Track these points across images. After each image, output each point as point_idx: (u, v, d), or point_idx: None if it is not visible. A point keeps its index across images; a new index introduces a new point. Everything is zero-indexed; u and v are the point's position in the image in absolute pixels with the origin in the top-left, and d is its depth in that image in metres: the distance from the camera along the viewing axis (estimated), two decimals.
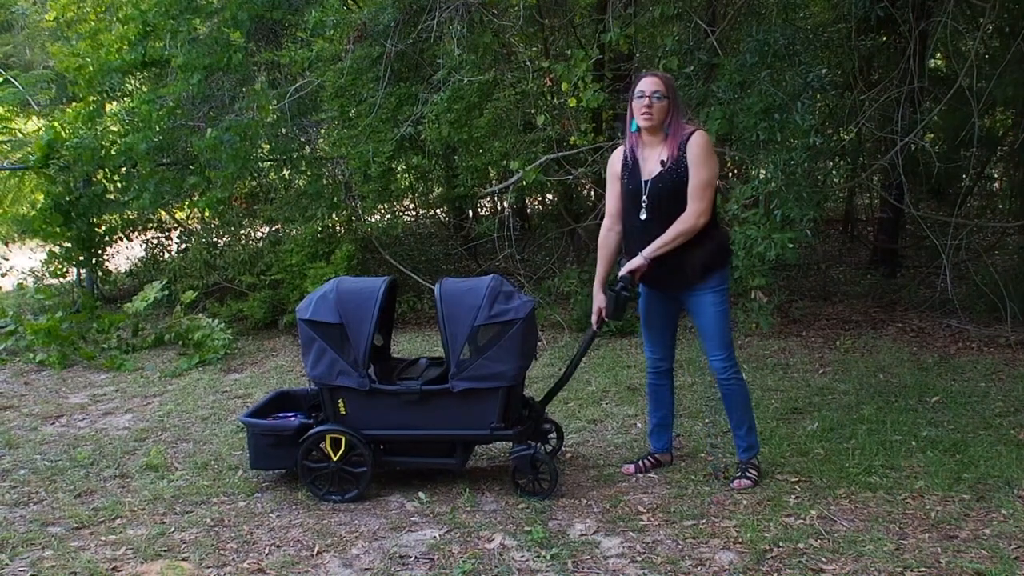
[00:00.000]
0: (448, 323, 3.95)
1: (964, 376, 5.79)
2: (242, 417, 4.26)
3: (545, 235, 9.51)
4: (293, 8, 7.92)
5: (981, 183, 9.19)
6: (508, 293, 4.04)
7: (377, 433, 4.04)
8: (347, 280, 4.23)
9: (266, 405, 4.42)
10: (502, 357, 3.91)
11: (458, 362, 3.94)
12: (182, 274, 7.73)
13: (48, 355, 6.58)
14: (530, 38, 8.46)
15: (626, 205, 4.03)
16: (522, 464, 4.00)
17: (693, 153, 3.82)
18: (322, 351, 3.99)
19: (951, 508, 3.81)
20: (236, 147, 7.30)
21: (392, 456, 4.12)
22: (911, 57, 6.36)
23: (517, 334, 3.92)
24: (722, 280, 3.96)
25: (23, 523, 3.85)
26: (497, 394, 3.95)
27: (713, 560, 3.41)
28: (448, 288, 4.03)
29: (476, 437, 4.11)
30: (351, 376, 3.97)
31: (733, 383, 4.05)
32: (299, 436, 4.06)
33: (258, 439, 4.15)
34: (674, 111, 3.88)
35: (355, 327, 3.97)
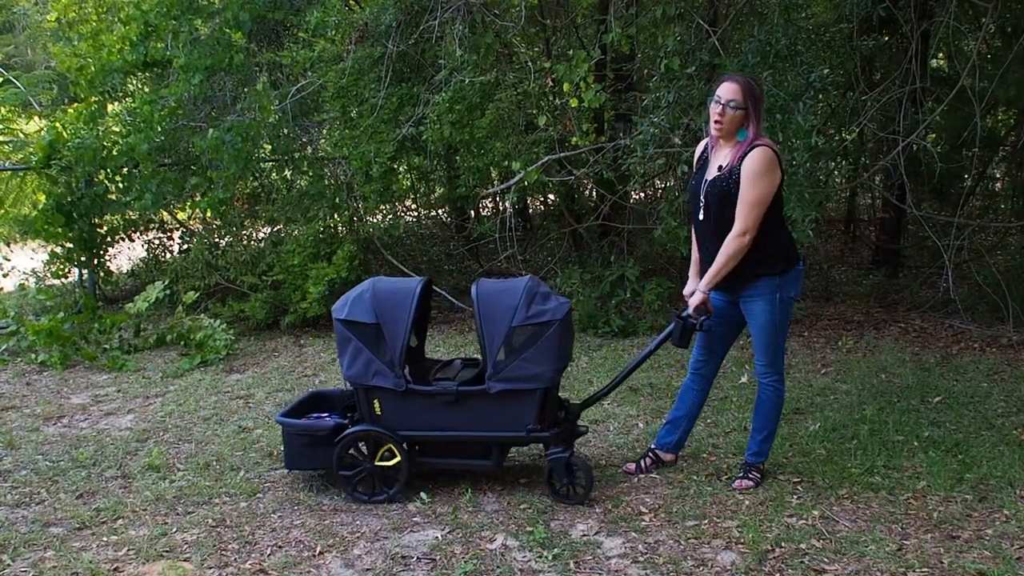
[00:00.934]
0: (485, 323, 3.93)
1: (966, 376, 5.78)
2: (278, 417, 4.24)
3: (547, 235, 9.51)
4: (294, 8, 7.92)
5: (983, 183, 9.19)
6: (545, 294, 4.01)
7: (413, 434, 4.02)
8: (383, 280, 4.20)
9: (301, 405, 4.40)
10: (539, 358, 3.88)
11: (495, 363, 3.91)
12: (184, 274, 7.73)
13: (50, 356, 6.58)
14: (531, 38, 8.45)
15: (691, 202, 4.07)
16: (557, 467, 3.96)
17: (747, 169, 3.76)
18: (358, 351, 3.97)
19: (953, 508, 3.81)
20: (238, 148, 7.30)
21: (427, 457, 4.09)
22: (913, 57, 6.36)
23: (554, 335, 3.89)
24: (778, 288, 3.88)
25: (25, 524, 3.85)
26: (534, 396, 3.92)
27: (715, 560, 3.41)
28: (485, 288, 4.00)
29: (512, 439, 4.07)
30: (387, 376, 3.95)
31: (770, 390, 4.04)
32: (334, 436, 4.04)
33: (293, 439, 4.13)
34: (751, 121, 3.80)
35: (391, 327, 3.95)
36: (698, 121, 6.12)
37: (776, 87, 5.63)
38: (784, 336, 4.04)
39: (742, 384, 5.71)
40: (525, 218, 10.30)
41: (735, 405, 5.29)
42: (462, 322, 7.60)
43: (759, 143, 3.81)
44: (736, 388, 5.64)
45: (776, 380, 4.03)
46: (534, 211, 10.85)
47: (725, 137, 3.89)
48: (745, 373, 5.91)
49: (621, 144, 6.67)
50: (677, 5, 6.50)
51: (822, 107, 7.03)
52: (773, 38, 5.82)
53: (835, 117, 7.46)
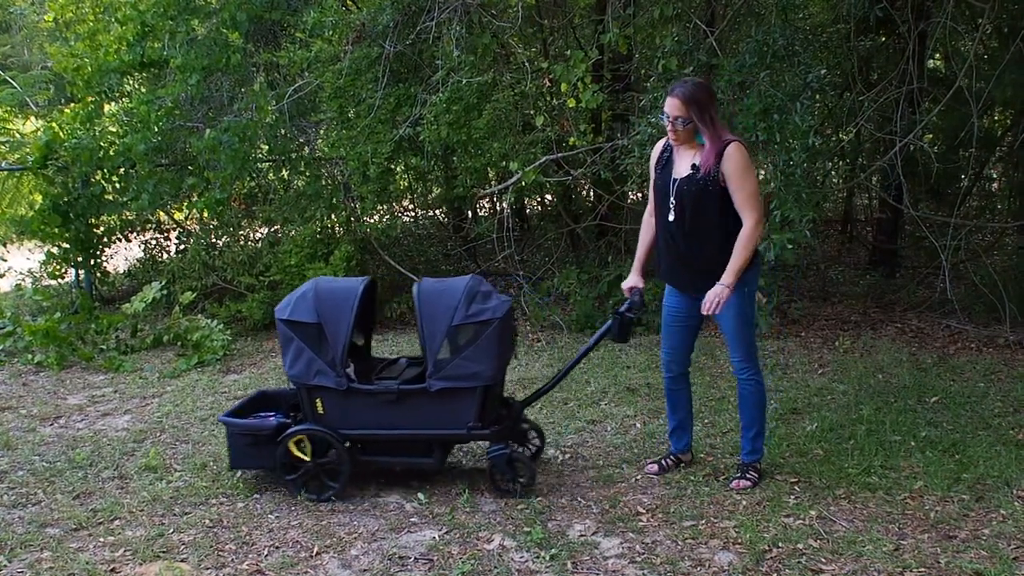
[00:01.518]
0: (425, 323, 3.97)
1: (963, 376, 5.79)
2: (221, 416, 4.29)
3: (544, 236, 9.50)
4: (292, 9, 7.91)
5: (980, 183, 9.20)
6: (486, 293, 4.05)
7: (355, 432, 4.06)
8: (325, 280, 4.27)
9: (247, 405, 4.45)
10: (479, 357, 3.93)
11: (435, 362, 3.95)
12: (181, 275, 7.72)
13: (46, 356, 6.57)
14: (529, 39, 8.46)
15: (657, 202, 4.06)
16: (499, 463, 4.02)
17: (732, 168, 3.78)
18: (300, 351, 4.01)
19: (950, 508, 3.82)
20: (235, 148, 7.29)
21: (370, 455, 4.13)
22: (910, 58, 6.36)
23: (494, 334, 3.93)
24: (744, 283, 3.91)
25: (21, 524, 3.84)
26: (474, 394, 3.96)
27: (712, 561, 3.41)
28: (426, 288, 4.05)
29: (453, 437, 4.12)
30: (328, 376, 3.99)
31: (750, 385, 4.05)
32: (277, 435, 4.07)
33: (237, 438, 4.17)
34: (704, 125, 3.81)
35: (333, 327, 3.99)
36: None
37: (773, 87, 5.63)
38: (753, 328, 4.07)
39: None
40: (522, 218, 10.31)
41: (732, 406, 5.29)
42: None
43: (729, 139, 3.84)
44: (733, 389, 5.62)
45: (755, 373, 4.05)
46: (531, 211, 10.84)
47: (684, 145, 3.92)
48: None
49: (619, 144, 6.67)
50: (675, 5, 6.50)
51: (819, 107, 7.04)
52: (770, 38, 5.82)
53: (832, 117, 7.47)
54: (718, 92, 5.93)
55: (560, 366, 6.22)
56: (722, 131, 3.88)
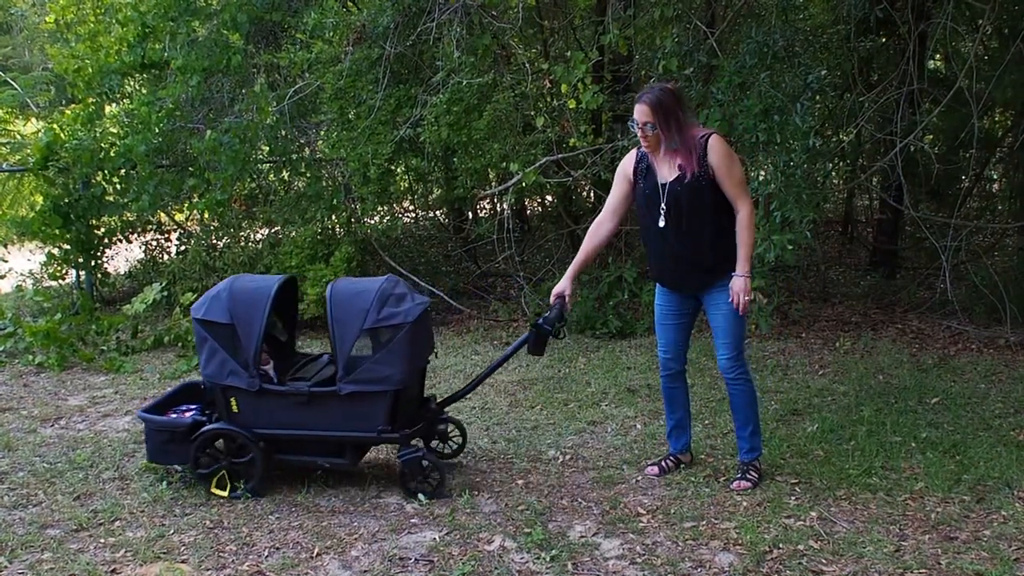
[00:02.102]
0: (336, 326, 3.97)
1: (964, 377, 5.79)
2: (139, 412, 4.33)
3: (544, 237, 9.51)
4: (292, 10, 7.91)
5: (980, 184, 9.20)
6: (400, 296, 4.04)
7: (268, 432, 4.07)
8: (242, 279, 4.25)
9: (173, 396, 4.48)
10: (390, 360, 3.93)
11: (345, 365, 3.96)
12: (181, 276, 7.72)
13: (47, 357, 6.57)
14: (529, 40, 8.47)
15: (643, 210, 4.06)
16: (412, 466, 4.03)
17: (718, 158, 3.82)
18: (213, 351, 4.03)
19: (951, 509, 3.81)
20: (235, 149, 7.29)
21: (284, 454, 4.14)
22: (910, 58, 6.37)
23: (405, 338, 3.93)
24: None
25: (22, 525, 3.84)
26: (384, 397, 3.96)
27: (713, 562, 3.41)
28: (339, 290, 4.05)
29: (363, 439, 4.12)
30: (241, 376, 4.01)
31: (740, 383, 4.05)
32: (192, 432, 4.10)
33: (153, 434, 4.19)
34: (674, 129, 3.83)
35: (245, 327, 4.00)
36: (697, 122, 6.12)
37: (774, 88, 5.64)
38: (745, 326, 4.07)
39: None
40: (523, 219, 10.31)
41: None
42: (460, 323, 7.60)
43: (705, 134, 3.87)
44: None
45: (743, 372, 4.05)
46: (532, 212, 10.85)
47: (657, 151, 3.92)
48: None
49: (619, 145, 6.67)
50: (675, 6, 6.50)
51: (820, 108, 7.04)
52: (771, 39, 5.83)
53: (833, 118, 7.47)
54: (718, 93, 5.93)
55: (560, 367, 6.23)
56: (694, 129, 3.90)
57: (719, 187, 3.85)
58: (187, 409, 4.39)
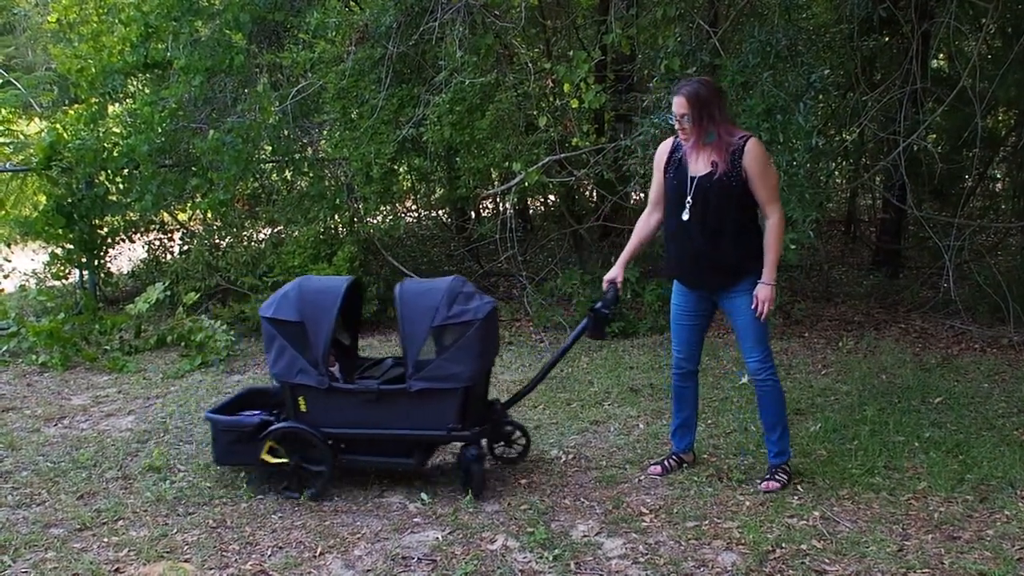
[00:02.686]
0: (405, 324, 3.97)
1: (967, 377, 5.78)
2: (206, 413, 4.32)
3: (547, 236, 9.52)
4: (295, 10, 7.92)
5: (983, 184, 9.19)
6: (468, 294, 4.05)
7: (336, 431, 4.07)
8: (310, 279, 4.29)
9: (235, 401, 4.48)
10: (459, 358, 3.93)
11: (415, 362, 3.95)
12: (184, 275, 7.73)
13: (50, 357, 6.58)
14: (532, 39, 8.46)
15: (670, 202, 4.04)
16: (467, 464, 4.02)
17: (755, 163, 3.81)
18: (282, 349, 4.03)
19: (954, 509, 3.81)
20: (238, 149, 7.30)
21: (351, 455, 4.13)
22: (913, 58, 6.36)
23: (475, 335, 3.93)
24: (755, 284, 3.90)
25: (25, 525, 3.85)
26: (454, 395, 3.96)
27: (715, 561, 3.41)
28: (407, 289, 4.06)
29: (433, 438, 4.11)
30: (310, 374, 4.00)
31: (768, 384, 4.03)
32: (259, 432, 4.09)
33: (220, 435, 4.19)
34: (708, 122, 3.82)
35: (315, 326, 4.00)
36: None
37: (776, 88, 5.63)
38: (768, 329, 4.06)
39: (742, 385, 5.70)
40: (525, 219, 10.31)
41: (735, 406, 5.29)
42: None
43: (744, 136, 3.86)
44: (736, 389, 5.63)
45: (772, 373, 4.03)
46: (534, 212, 10.85)
47: (697, 143, 3.91)
48: (745, 374, 5.91)
49: (621, 145, 6.67)
50: (677, 6, 6.50)
51: (822, 108, 7.03)
52: (773, 39, 5.82)
53: (835, 118, 7.46)
54: None
55: (563, 367, 6.22)
56: (731, 128, 3.89)
57: (748, 190, 3.84)
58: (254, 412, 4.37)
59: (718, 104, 3.86)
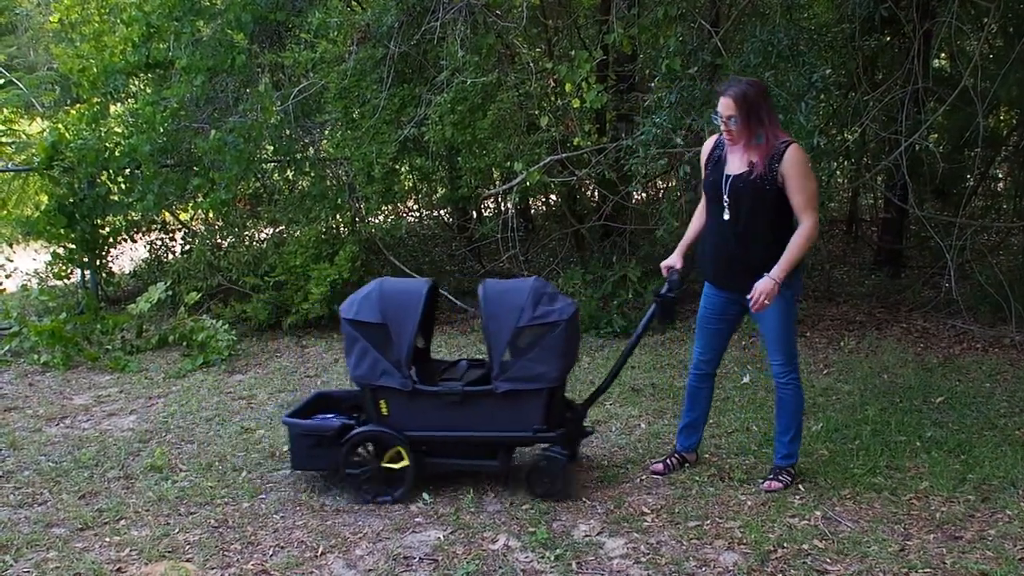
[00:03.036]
0: (491, 323, 3.93)
1: (968, 377, 5.77)
2: (284, 417, 4.25)
3: (549, 236, 9.51)
4: (296, 10, 7.92)
5: (985, 183, 9.18)
6: (552, 295, 4.02)
7: (419, 434, 4.02)
8: (390, 280, 4.24)
9: (307, 406, 4.41)
10: (545, 358, 3.89)
11: (501, 363, 3.91)
12: (186, 275, 7.73)
13: (52, 356, 6.58)
14: (533, 39, 8.46)
15: (708, 199, 4.03)
16: (553, 466, 3.96)
17: (793, 169, 3.75)
18: (365, 351, 3.97)
19: (955, 509, 3.81)
20: (240, 148, 7.30)
21: (434, 458, 4.08)
22: (915, 57, 6.36)
23: (560, 335, 3.90)
24: (787, 286, 3.87)
25: (27, 524, 3.86)
26: (540, 396, 3.93)
27: (717, 561, 3.41)
28: (491, 289, 4.02)
29: (518, 439, 4.07)
30: (394, 376, 3.95)
31: (789, 389, 4.03)
32: (340, 437, 4.04)
33: (299, 440, 4.13)
34: (759, 124, 3.78)
35: (398, 327, 3.95)
36: (700, 122, 6.12)
37: (778, 87, 5.63)
38: (795, 333, 4.04)
39: (744, 385, 5.71)
40: (527, 219, 10.31)
41: (737, 406, 5.29)
42: (464, 323, 7.60)
43: (787, 141, 3.81)
44: (738, 389, 5.63)
45: (795, 378, 4.02)
46: (536, 212, 10.85)
47: (738, 144, 3.88)
48: (747, 374, 5.91)
49: (623, 144, 6.67)
50: (679, 5, 6.50)
51: (824, 107, 7.03)
52: (775, 38, 5.82)
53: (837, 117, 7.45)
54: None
55: None
56: (778, 131, 3.85)
57: (784, 195, 3.79)
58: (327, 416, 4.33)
59: (766, 106, 3.83)
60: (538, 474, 3.99)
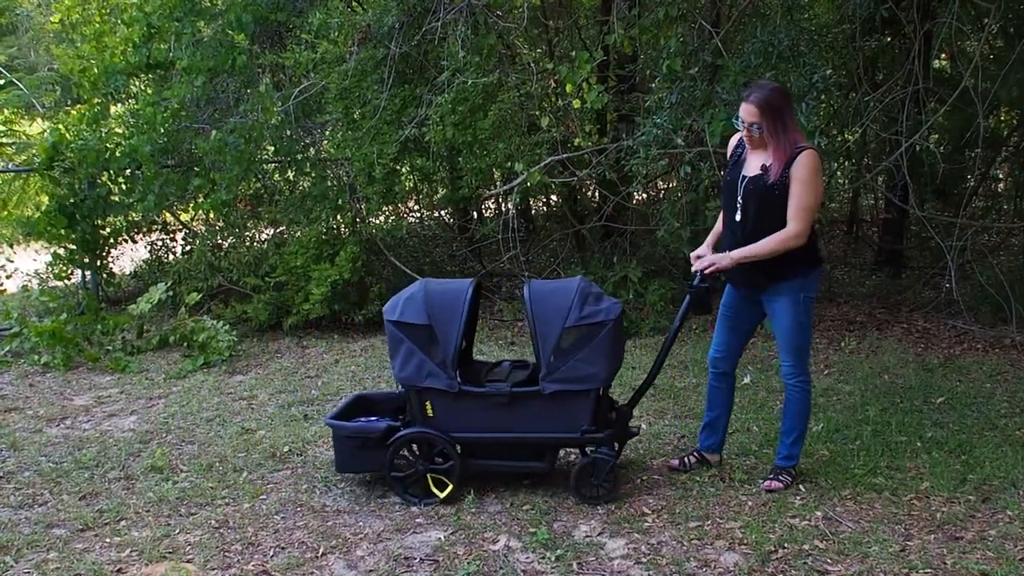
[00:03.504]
0: (538, 324, 3.91)
1: (969, 377, 5.77)
2: (327, 419, 4.23)
3: (549, 236, 9.52)
4: (297, 10, 7.92)
5: (986, 184, 9.18)
6: (597, 295, 4.01)
7: (465, 436, 4.00)
8: (434, 281, 4.20)
9: (347, 408, 4.38)
10: (593, 359, 3.87)
11: (548, 364, 3.89)
12: (186, 276, 7.73)
13: (52, 357, 6.58)
14: (534, 40, 8.46)
15: (725, 199, 4.03)
16: (600, 468, 3.95)
17: (800, 174, 3.73)
18: (410, 352, 3.94)
19: (956, 509, 3.81)
20: (240, 149, 7.30)
21: (480, 459, 4.06)
22: (915, 58, 6.35)
23: (608, 336, 3.88)
24: (801, 288, 3.88)
25: (28, 525, 3.86)
26: (588, 396, 3.91)
27: (718, 561, 3.41)
28: (537, 289, 4.00)
29: (566, 440, 4.05)
30: (440, 378, 3.93)
31: (797, 391, 4.02)
32: (386, 439, 4.02)
33: (344, 442, 4.10)
34: (780, 131, 3.76)
35: (443, 328, 3.93)
36: (700, 122, 6.12)
37: None
38: (809, 336, 4.02)
39: (745, 385, 5.71)
40: (528, 219, 10.31)
41: (738, 406, 5.27)
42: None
43: (803, 147, 3.79)
44: (739, 389, 5.62)
45: (804, 380, 4.01)
46: (537, 212, 10.85)
47: (759, 150, 3.88)
48: (748, 374, 5.91)
49: (624, 145, 6.67)
50: (679, 6, 6.50)
51: (825, 108, 7.03)
52: (776, 39, 5.82)
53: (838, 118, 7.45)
54: (723, 92, 5.93)
55: None
56: (797, 136, 3.83)
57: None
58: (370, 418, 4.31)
59: (790, 112, 3.82)
60: (585, 476, 3.97)
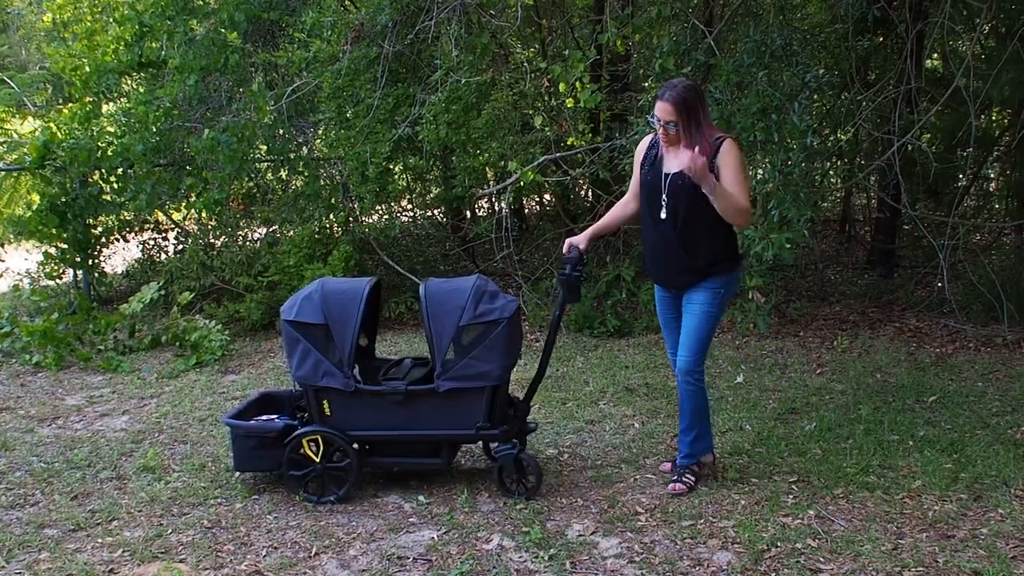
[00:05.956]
0: (433, 323, 3.96)
1: (961, 376, 5.79)
2: (224, 419, 4.26)
3: (543, 236, 9.51)
4: (290, 9, 7.91)
5: (977, 183, 9.21)
6: (493, 293, 4.05)
7: (362, 434, 4.05)
8: (331, 281, 4.25)
9: (250, 407, 4.42)
10: (487, 356, 3.92)
11: (443, 362, 3.95)
12: (179, 275, 7.72)
13: (44, 357, 6.56)
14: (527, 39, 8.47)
15: (645, 200, 4.02)
16: (507, 464, 4.01)
17: (728, 161, 3.77)
18: (307, 352, 3.99)
19: (948, 508, 3.82)
20: (233, 148, 7.28)
21: (378, 457, 4.12)
22: (908, 58, 6.37)
23: (502, 334, 3.93)
24: (719, 285, 3.91)
25: (19, 525, 3.84)
26: (483, 394, 3.96)
27: (711, 560, 3.42)
28: (432, 288, 4.04)
29: (462, 437, 4.12)
30: (336, 377, 3.97)
31: (690, 387, 4.01)
32: (283, 438, 4.06)
33: (241, 441, 4.14)
34: (694, 128, 3.79)
35: (340, 328, 3.97)
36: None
37: (771, 87, 5.63)
38: (712, 334, 4.02)
39: (738, 384, 5.72)
40: (521, 218, 10.31)
41: (731, 405, 5.29)
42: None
43: (722, 136, 3.84)
44: (732, 388, 5.64)
45: (697, 377, 4.00)
46: (530, 211, 10.86)
47: (675, 147, 3.90)
48: (741, 373, 5.92)
49: (617, 144, 6.67)
50: (672, 5, 6.50)
51: (817, 107, 7.05)
52: (768, 38, 5.82)
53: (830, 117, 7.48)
54: (716, 92, 5.93)
55: (558, 366, 6.23)
56: (712, 130, 3.87)
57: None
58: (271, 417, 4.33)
59: (703, 108, 3.85)
60: (504, 472, 4.03)
